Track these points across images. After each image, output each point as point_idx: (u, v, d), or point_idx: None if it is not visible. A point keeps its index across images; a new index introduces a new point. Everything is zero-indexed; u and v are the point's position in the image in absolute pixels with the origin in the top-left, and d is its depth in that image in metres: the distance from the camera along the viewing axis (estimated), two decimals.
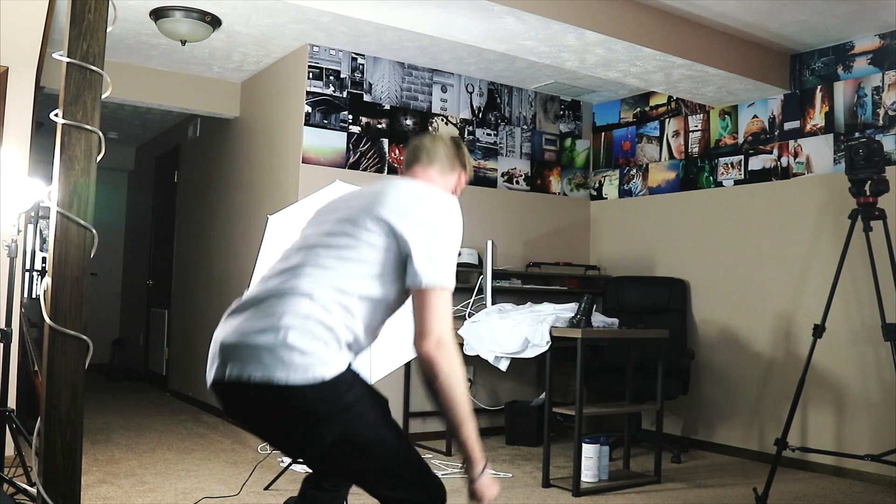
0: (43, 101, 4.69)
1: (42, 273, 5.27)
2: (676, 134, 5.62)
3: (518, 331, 4.16)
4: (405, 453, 1.83)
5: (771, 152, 5.00)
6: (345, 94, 5.07)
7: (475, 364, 5.28)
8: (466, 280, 5.33)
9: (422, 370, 1.77)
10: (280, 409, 1.70)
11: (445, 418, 1.79)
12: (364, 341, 1.86)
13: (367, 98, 5.16)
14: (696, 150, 5.47)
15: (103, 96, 1.70)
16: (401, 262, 1.80)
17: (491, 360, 4.36)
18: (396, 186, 1.89)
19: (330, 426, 1.70)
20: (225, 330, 1.78)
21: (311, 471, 2.02)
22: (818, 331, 3.73)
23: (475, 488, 1.84)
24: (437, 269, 1.77)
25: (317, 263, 1.79)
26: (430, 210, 1.81)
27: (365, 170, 5.11)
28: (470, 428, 1.77)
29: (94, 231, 1.68)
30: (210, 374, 1.77)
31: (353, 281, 1.77)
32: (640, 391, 4.56)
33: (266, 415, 1.75)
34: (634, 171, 5.90)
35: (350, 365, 1.79)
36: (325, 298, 1.74)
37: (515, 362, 4.41)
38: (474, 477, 1.83)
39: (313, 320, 1.71)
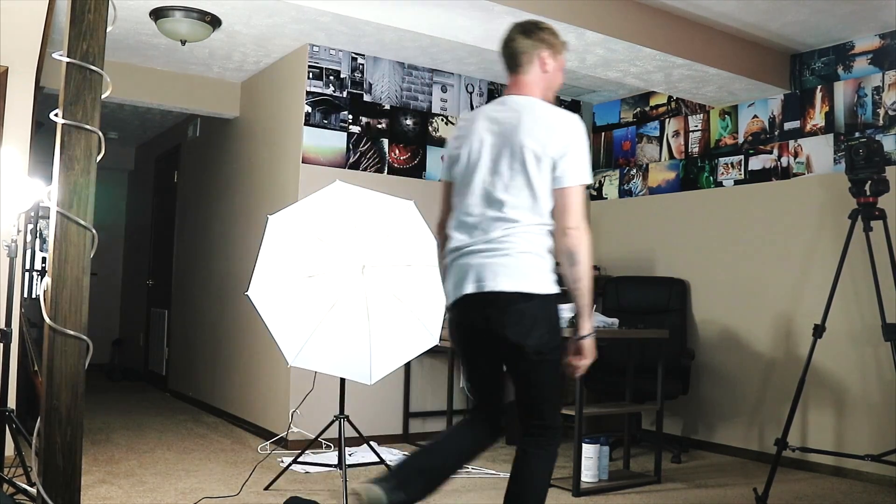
0: (43, 100, 4.69)
1: (42, 273, 5.26)
2: (676, 134, 5.62)
3: None
4: (559, 386, 2.42)
5: (771, 152, 5.00)
6: (345, 94, 5.07)
7: None
8: None
9: (565, 249, 2.23)
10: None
11: (574, 286, 2.25)
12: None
13: (367, 98, 5.16)
14: (696, 150, 5.48)
15: (103, 96, 1.70)
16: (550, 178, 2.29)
17: None
18: (526, 118, 2.31)
19: (553, 335, 2.30)
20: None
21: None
22: (818, 331, 3.74)
23: (580, 345, 2.31)
24: (573, 170, 2.25)
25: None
26: (563, 128, 2.29)
27: (365, 170, 5.11)
28: (589, 299, 2.27)
29: (93, 231, 1.68)
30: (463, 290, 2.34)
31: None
32: (639, 391, 4.56)
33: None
34: (634, 171, 5.90)
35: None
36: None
37: None
38: (583, 334, 2.31)
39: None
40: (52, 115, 1.69)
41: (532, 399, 2.37)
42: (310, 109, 4.95)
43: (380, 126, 5.21)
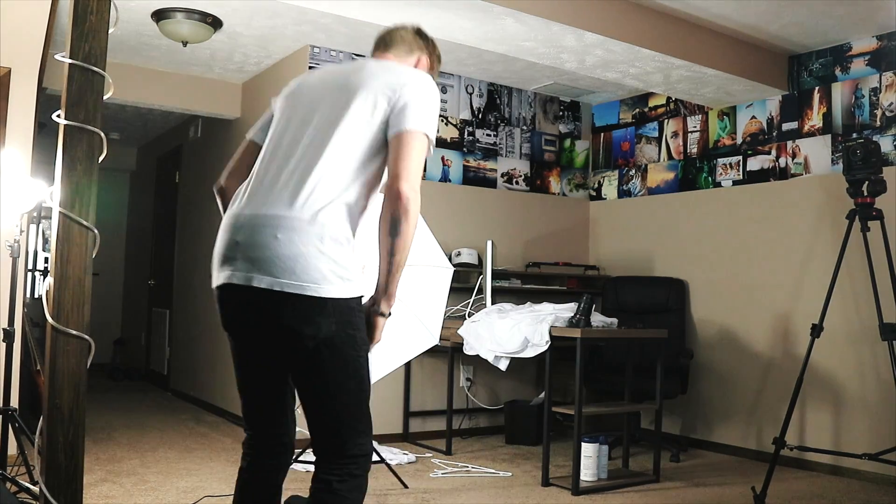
0: (45, 101, 4.70)
1: (44, 273, 5.28)
2: (675, 134, 5.64)
3: (517, 330, 4.18)
4: (366, 392, 1.88)
5: (769, 153, 5.02)
6: None
7: (475, 363, 5.30)
8: (466, 280, 5.35)
9: (390, 209, 1.81)
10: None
11: (389, 259, 1.86)
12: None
13: None
14: (694, 150, 5.49)
15: (105, 97, 1.72)
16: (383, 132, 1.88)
17: (490, 359, 4.38)
18: (374, 64, 2.00)
19: (328, 320, 1.78)
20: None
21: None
22: (816, 330, 3.75)
23: (375, 320, 1.90)
24: (420, 119, 1.85)
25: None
26: (411, 78, 1.92)
27: None
28: (400, 274, 1.90)
29: (95, 231, 1.70)
30: None
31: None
32: (639, 391, 4.57)
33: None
34: (633, 171, 5.92)
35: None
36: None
37: (515, 362, 4.42)
38: (382, 312, 1.90)
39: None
40: (54, 116, 1.70)
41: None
42: None
43: None
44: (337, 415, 1.85)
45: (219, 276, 1.88)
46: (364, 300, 1.90)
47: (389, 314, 1.92)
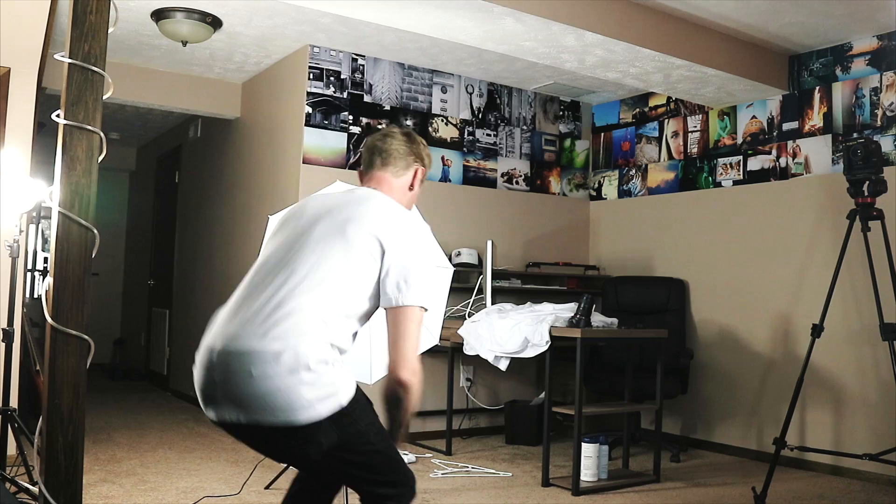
0: (45, 101, 4.70)
1: (44, 273, 5.27)
2: (675, 134, 5.63)
3: (518, 330, 4.17)
4: (389, 452, 1.91)
5: (769, 153, 5.01)
6: (345, 95, 5.09)
7: (475, 364, 5.30)
8: (466, 280, 5.34)
9: (391, 388, 1.82)
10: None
11: (392, 419, 1.85)
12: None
13: (367, 99, 5.18)
14: (695, 150, 5.49)
15: (105, 97, 1.72)
16: (376, 279, 1.86)
17: (490, 359, 4.38)
18: (373, 202, 1.96)
19: (327, 434, 1.77)
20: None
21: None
22: (816, 330, 3.74)
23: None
24: (416, 291, 1.84)
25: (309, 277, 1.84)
26: (405, 232, 1.90)
27: None
28: (409, 418, 1.87)
29: (95, 231, 1.70)
30: None
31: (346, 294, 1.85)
32: (639, 391, 4.57)
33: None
34: (634, 171, 5.91)
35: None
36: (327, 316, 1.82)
37: (515, 362, 4.42)
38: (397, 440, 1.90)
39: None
40: (53, 116, 1.70)
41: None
42: (310, 110, 4.96)
43: (380, 127, 5.22)
44: (361, 484, 1.92)
45: (209, 413, 1.89)
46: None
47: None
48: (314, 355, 1.74)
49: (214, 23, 4.52)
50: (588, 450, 3.97)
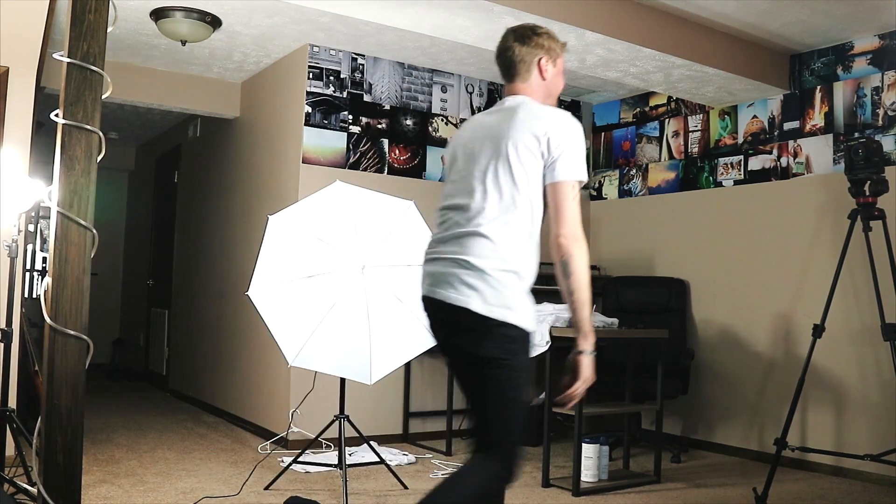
0: (43, 101, 4.69)
1: (42, 273, 5.26)
2: (676, 134, 5.63)
3: None
4: (524, 417, 2.12)
5: (770, 152, 5.01)
6: (345, 95, 5.08)
7: None
8: None
9: (557, 256, 2.02)
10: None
11: (570, 299, 2.04)
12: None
13: (367, 98, 5.17)
14: (695, 150, 5.48)
15: (104, 96, 1.71)
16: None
17: None
18: (521, 112, 2.13)
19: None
20: None
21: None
22: (818, 331, 3.74)
23: (578, 360, 2.06)
24: (570, 167, 2.03)
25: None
26: (557, 122, 2.07)
27: (365, 170, 5.11)
28: (588, 310, 2.04)
29: (94, 231, 1.69)
30: None
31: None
32: (639, 391, 4.56)
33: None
34: (634, 171, 5.91)
35: None
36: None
37: None
38: (582, 349, 2.06)
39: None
40: (52, 116, 1.69)
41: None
42: (310, 109, 4.95)
43: (380, 126, 5.21)
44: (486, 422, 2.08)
45: None
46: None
47: (593, 352, 2.06)
48: (509, 265, 2.08)
49: (214, 22, 4.51)
50: (588, 450, 3.96)
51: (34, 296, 4.33)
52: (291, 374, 4.62)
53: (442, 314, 2.09)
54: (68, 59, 1.66)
